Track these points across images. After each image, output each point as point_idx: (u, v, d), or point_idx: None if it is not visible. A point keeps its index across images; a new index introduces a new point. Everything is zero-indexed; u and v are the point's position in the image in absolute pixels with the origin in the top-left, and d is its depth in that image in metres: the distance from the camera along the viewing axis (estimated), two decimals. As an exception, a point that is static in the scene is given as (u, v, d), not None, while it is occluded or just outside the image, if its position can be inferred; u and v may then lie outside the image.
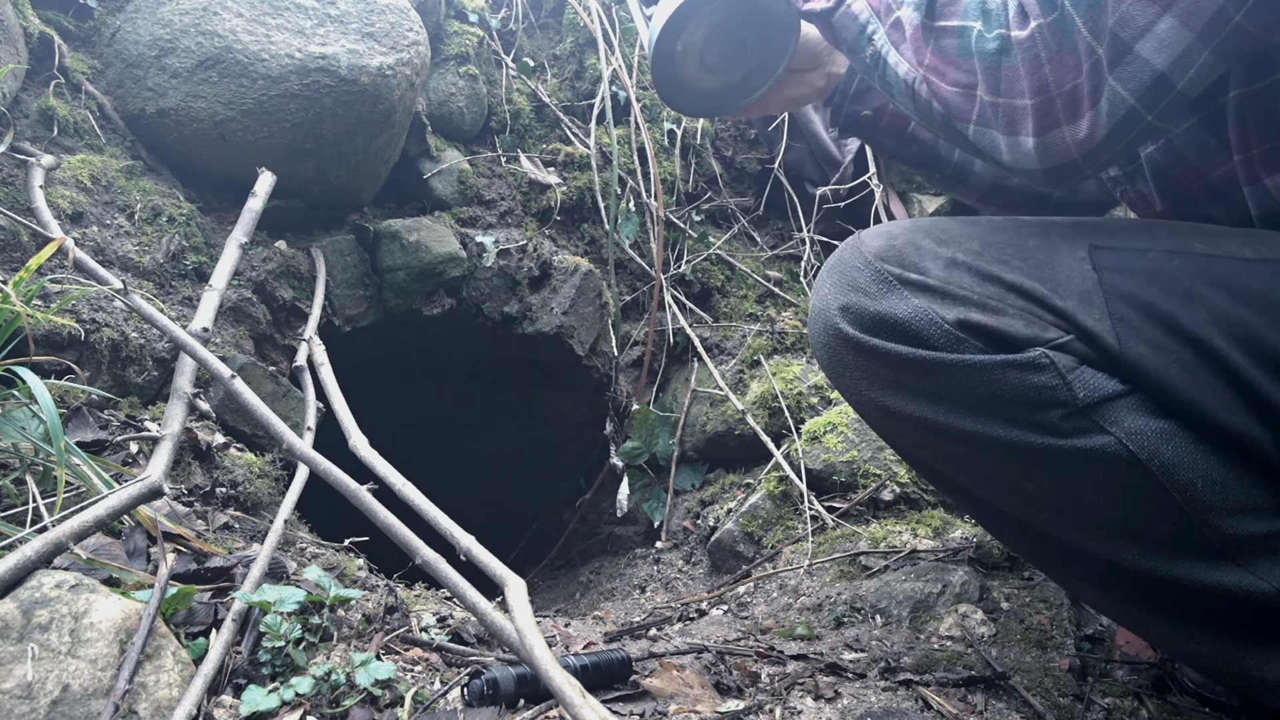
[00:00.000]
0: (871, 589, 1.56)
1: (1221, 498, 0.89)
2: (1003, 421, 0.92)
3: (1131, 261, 0.92)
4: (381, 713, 1.02)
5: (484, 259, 2.32)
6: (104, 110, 1.89)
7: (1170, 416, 0.89)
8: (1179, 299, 0.88)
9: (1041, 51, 0.87)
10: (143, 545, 1.19)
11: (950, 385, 0.93)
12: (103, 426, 1.44)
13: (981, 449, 0.95)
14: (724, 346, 2.45)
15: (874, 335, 0.95)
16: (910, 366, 0.93)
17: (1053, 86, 0.87)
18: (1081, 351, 0.89)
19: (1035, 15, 0.88)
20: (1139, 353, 0.88)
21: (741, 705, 1.15)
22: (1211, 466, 0.89)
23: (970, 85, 0.93)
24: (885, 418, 1.02)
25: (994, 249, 0.94)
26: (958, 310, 0.91)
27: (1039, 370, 0.89)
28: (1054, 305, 0.90)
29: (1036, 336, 0.89)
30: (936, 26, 0.96)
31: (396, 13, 2.02)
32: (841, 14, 1.06)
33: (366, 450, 1.41)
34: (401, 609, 1.26)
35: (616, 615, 1.78)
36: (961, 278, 0.92)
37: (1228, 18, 0.81)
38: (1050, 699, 1.22)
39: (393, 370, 2.74)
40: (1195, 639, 0.96)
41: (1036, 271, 0.91)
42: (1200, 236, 0.94)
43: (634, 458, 2.37)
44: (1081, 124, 0.87)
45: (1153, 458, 0.88)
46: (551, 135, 2.59)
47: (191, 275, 1.81)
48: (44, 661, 0.88)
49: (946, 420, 0.95)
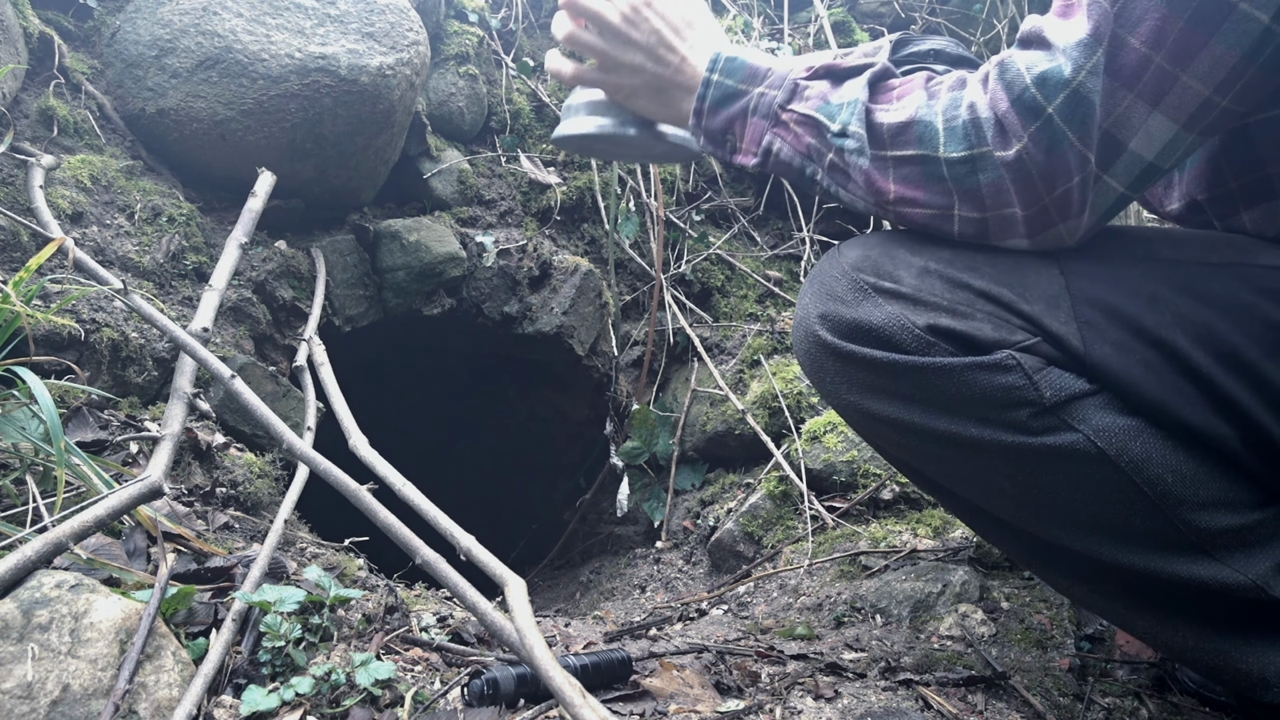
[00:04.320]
0: (871, 589, 1.56)
1: (1192, 492, 0.91)
2: (975, 421, 0.94)
3: (1098, 267, 0.94)
4: (381, 713, 1.02)
5: (484, 259, 2.32)
6: (104, 110, 1.89)
7: (1137, 414, 0.91)
8: (1143, 302, 0.91)
9: (1031, 168, 0.87)
10: (143, 545, 1.19)
11: (923, 387, 0.95)
12: (103, 426, 1.44)
13: (957, 449, 0.97)
14: (724, 346, 2.45)
15: (850, 341, 0.98)
16: (885, 370, 0.96)
17: (1045, 195, 0.88)
18: (1048, 353, 0.92)
19: (1017, 130, 0.86)
20: (1104, 354, 0.90)
21: (741, 705, 1.15)
22: (1180, 461, 0.91)
23: (946, 207, 0.94)
24: (865, 420, 1.05)
25: (965, 257, 0.96)
26: (928, 316, 0.94)
27: (1006, 371, 0.92)
28: (1021, 310, 0.92)
29: (1004, 339, 0.92)
30: (891, 156, 0.95)
31: (396, 13, 2.02)
32: (773, 164, 1.06)
33: (366, 450, 1.41)
34: (401, 609, 1.26)
35: (616, 615, 1.78)
36: (933, 285, 0.95)
37: (1214, 105, 0.84)
38: (1050, 699, 1.22)
39: (393, 370, 2.74)
40: (1180, 633, 0.98)
41: (1005, 278, 0.94)
42: (1167, 243, 0.97)
43: (634, 458, 2.37)
44: (1074, 220, 0.90)
45: (1121, 453, 0.91)
46: (551, 135, 2.59)
47: (191, 275, 1.81)
48: (44, 661, 0.88)
49: (922, 421, 0.97)
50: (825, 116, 0.99)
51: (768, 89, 1.05)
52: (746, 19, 2.84)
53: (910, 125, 0.93)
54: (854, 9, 2.94)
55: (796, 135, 1.02)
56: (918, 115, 0.93)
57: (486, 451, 3.26)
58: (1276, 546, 0.91)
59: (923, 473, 1.11)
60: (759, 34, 2.81)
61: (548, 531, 2.84)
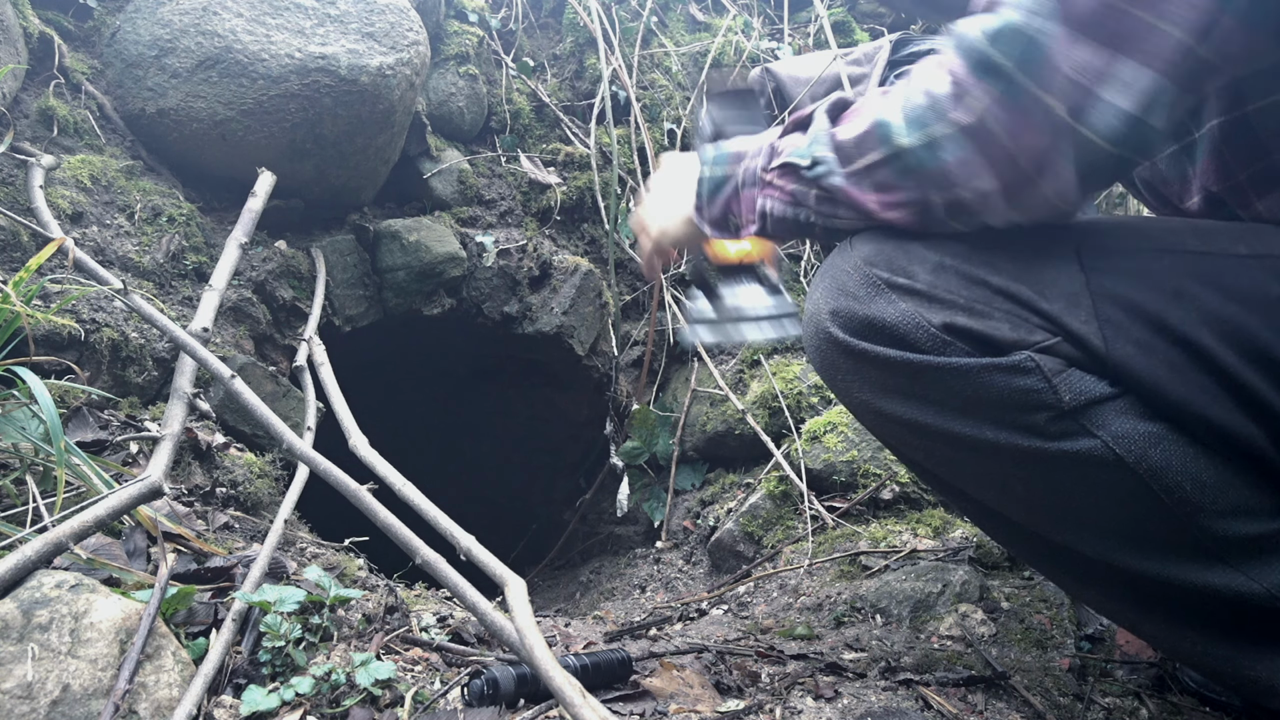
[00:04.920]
0: (871, 589, 1.56)
1: (1211, 500, 0.89)
2: (990, 424, 0.92)
3: (1120, 262, 0.92)
4: (381, 713, 1.02)
5: (484, 259, 2.32)
6: (104, 110, 1.89)
7: (1161, 419, 0.90)
8: (1168, 298, 0.89)
9: (995, 127, 0.84)
10: (143, 545, 1.19)
11: (938, 388, 0.93)
12: (103, 426, 1.44)
13: (971, 451, 0.95)
14: (724, 346, 2.45)
15: (863, 339, 0.96)
16: (899, 369, 0.94)
17: (1018, 156, 0.85)
18: (1069, 354, 0.90)
19: (976, 92, 0.83)
20: (1126, 353, 0.88)
21: (741, 705, 1.15)
22: (1201, 469, 0.89)
23: (923, 199, 0.91)
24: (877, 420, 1.04)
25: (982, 251, 0.93)
26: (944, 314, 0.92)
27: (1024, 373, 0.89)
28: (1040, 308, 0.90)
29: (1022, 339, 0.90)
30: (862, 167, 0.93)
31: (396, 12, 2.02)
32: (772, 225, 1.07)
33: (366, 450, 1.41)
34: (401, 609, 1.26)
35: (616, 615, 1.78)
36: (949, 281, 0.93)
37: (1193, 53, 0.79)
38: (1050, 699, 1.22)
39: (393, 370, 2.74)
40: (1189, 639, 0.97)
41: (1024, 274, 0.91)
42: (1194, 234, 0.94)
43: (634, 458, 2.37)
44: (1059, 181, 0.85)
45: (1140, 461, 0.89)
46: (551, 135, 2.59)
47: (191, 275, 1.81)
48: (44, 661, 0.88)
49: (936, 422, 0.95)
50: (798, 158, 1.00)
51: (750, 161, 1.09)
52: (746, 19, 2.84)
53: (870, 130, 0.92)
54: (854, 9, 2.94)
55: (780, 188, 1.03)
56: (875, 117, 0.91)
57: (486, 451, 3.26)
58: None
59: (935, 473, 1.09)
60: (759, 34, 2.81)
61: (548, 531, 2.84)
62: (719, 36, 2.74)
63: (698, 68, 2.73)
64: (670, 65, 2.72)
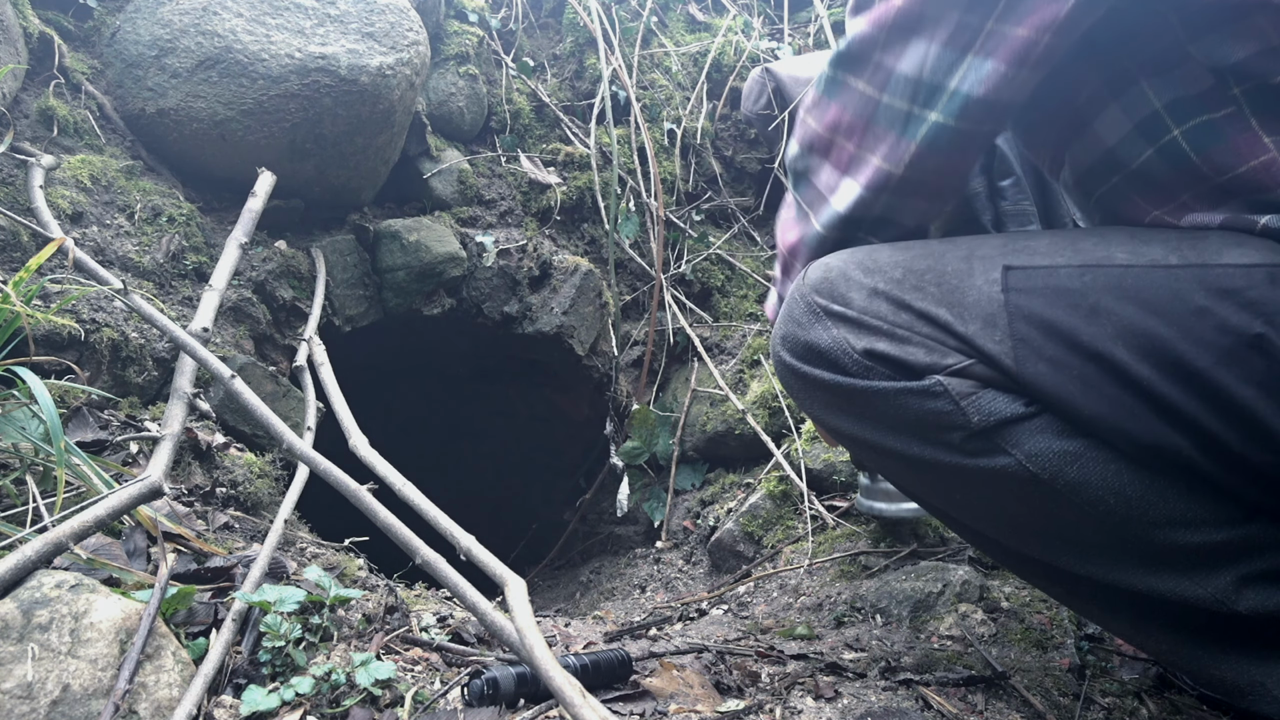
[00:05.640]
0: (871, 589, 1.56)
1: (1141, 512, 0.89)
2: (917, 440, 0.97)
3: (1040, 280, 0.94)
4: (381, 713, 1.02)
5: (484, 259, 2.32)
6: (104, 110, 1.89)
7: (1080, 436, 0.91)
8: (1082, 315, 0.90)
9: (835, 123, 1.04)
10: (143, 545, 1.19)
11: (867, 408, 0.99)
12: (103, 426, 1.44)
13: (907, 463, 1.01)
14: (724, 346, 2.45)
15: (805, 363, 1.03)
16: (834, 391, 1.01)
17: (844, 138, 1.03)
18: (984, 374, 0.93)
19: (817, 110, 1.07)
20: (1037, 371, 0.90)
21: (741, 705, 1.15)
22: (1125, 483, 0.89)
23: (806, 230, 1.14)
24: (834, 434, 1.10)
25: (914, 276, 0.98)
26: (866, 340, 0.97)
27: (934, 397, 0.93)
28: (957, 331, 0.94)
29: (935, 364, 0.94)
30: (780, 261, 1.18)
31: (396, 13, 2.02)
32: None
33: (366, 450, 1.41)
34: (401, 609, 1.26)
35: (616, 615, 1.78)
36: (879, 307, 0.98)
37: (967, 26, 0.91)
38: (1050, 698, 1.22)
39: (393, 370, 2.74)
40: (1155, 638, 0.98)
41: (948, 297, 0.95)
42: (1126, 245, 0.94)
43: (634, 457, 2.37)
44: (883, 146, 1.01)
45: (1056, 478, 0.90)
46: (551, 135, 2.59)
47: (191, 275, 1.81)
48: (44, 661, 0.88)
49: (874, 438, 1.01)
50: None
51: None
52: (746, 19, 2.84)
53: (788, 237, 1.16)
54: (854, 9, 2.93)
55: None
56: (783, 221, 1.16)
57: (486, 451, 3.26)
58: (1242, 561, 0.89)
59: (896, 482, 1.16)
60: (759, 34, 2.81)
61: (548, 531, 2.84)
62: (719, 36, 2.75)
63: (697, 68, 2.73)
64: (670, 65, 2.72)
